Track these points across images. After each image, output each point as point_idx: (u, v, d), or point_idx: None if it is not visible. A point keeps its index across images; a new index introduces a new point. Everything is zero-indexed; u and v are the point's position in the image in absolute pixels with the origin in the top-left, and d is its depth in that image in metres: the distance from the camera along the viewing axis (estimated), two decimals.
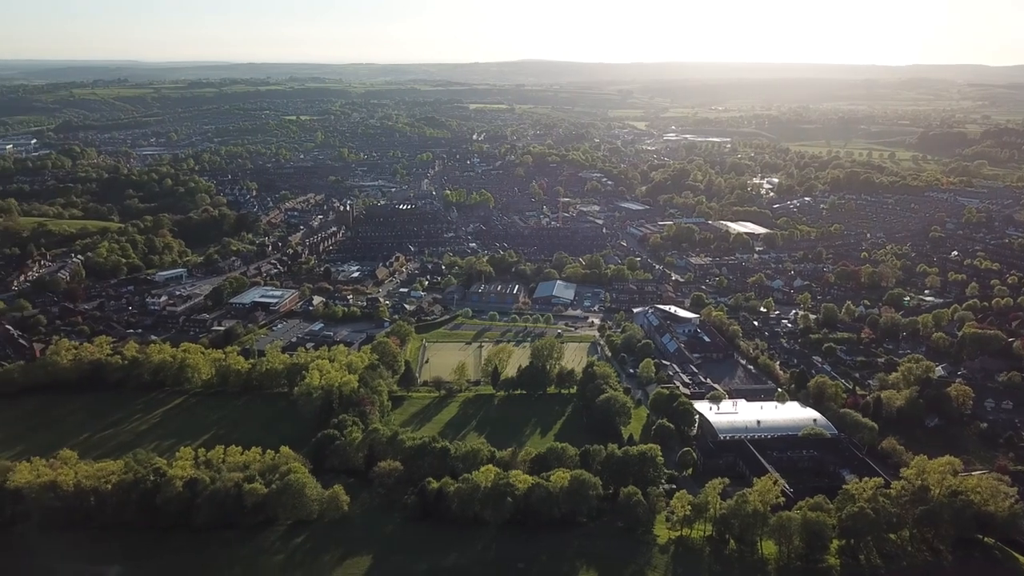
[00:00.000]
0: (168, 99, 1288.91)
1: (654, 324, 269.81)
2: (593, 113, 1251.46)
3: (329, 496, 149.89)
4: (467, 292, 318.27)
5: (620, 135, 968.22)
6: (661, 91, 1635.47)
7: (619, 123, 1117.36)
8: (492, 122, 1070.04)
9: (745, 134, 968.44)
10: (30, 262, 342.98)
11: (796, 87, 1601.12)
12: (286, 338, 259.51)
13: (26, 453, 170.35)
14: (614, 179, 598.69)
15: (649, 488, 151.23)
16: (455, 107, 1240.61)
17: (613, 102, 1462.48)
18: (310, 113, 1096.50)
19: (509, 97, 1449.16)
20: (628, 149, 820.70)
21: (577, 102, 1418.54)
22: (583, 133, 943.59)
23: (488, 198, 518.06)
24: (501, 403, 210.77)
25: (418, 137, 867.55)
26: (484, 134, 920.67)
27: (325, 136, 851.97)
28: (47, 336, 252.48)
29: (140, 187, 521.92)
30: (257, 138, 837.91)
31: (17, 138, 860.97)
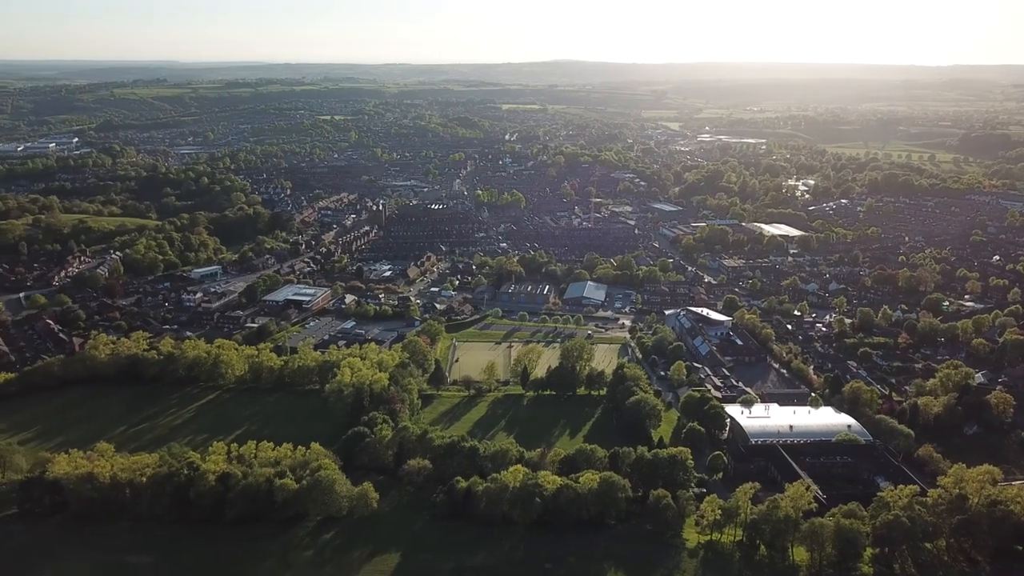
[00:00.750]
0: (205, 99, 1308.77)
1: (686, 326, 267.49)
2: (626, 114, 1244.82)
3: (359, 493, 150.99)
4: (497, 292, 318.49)
5: (653, 136, 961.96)
6: (695, 91, 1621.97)
7: (652, 124, 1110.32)
8: (524, 122, 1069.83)
9: (780, 135, 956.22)
10: (70, 258, 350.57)
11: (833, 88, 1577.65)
12: (318, 336, 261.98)
13: (65, 445, 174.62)
14: (647, 180, 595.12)
15: (679, 491, 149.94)
16: (488, 107, 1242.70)
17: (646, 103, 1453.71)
18: (344, 113, 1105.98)
19: (542, 97, 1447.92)
20: (661, 150, 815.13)
21: (610, 102, 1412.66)
22: (616, 134, 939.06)
23: (519, 198, 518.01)
24: (530, 403, 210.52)
25: (451, 137, 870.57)
26: (516, 134, 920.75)
27: (359, 136, 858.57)
28: (86, 331, 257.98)
29: (177, 185, 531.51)
30: (292, 137, 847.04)
31: (59, 137, 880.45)
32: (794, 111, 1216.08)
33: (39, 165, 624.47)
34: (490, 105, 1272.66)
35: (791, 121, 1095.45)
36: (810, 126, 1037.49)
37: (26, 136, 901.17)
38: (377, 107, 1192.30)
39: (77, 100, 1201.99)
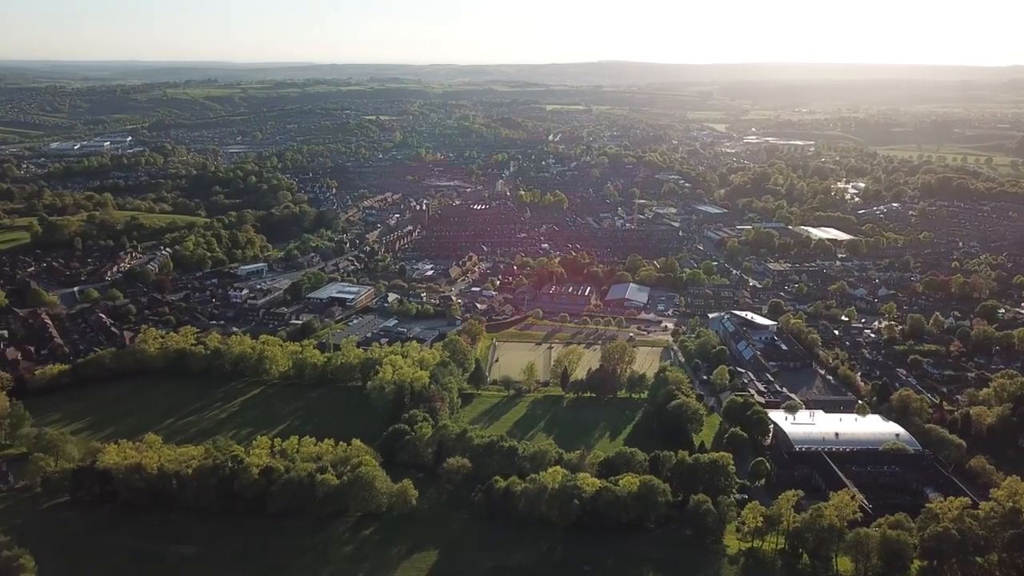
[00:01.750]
0: (254, 99, 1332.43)
1: (730, 330, 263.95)
2: (671, 115, 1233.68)
3: (398, 490, 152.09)
4: (539, 293, 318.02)
5: (699, 137, 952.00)
6: (742, 93, 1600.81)
7: (698, 125, 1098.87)
8: (568, 123, 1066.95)
9: (830, 137, 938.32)
10: (123, 254, 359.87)
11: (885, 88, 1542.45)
12: (361, 333, 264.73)
13: (115, 435, 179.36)
14: (692, 181, 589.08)
15: (720, 497, 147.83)
16: (532, 108, 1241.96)
17: (692, 104, 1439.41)
18: (389, 113, 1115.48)
19: (586, 98, 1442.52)
20: (707, 151, 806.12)
21: (655, 103, 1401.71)
22: (661, 135, 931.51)
23: (562, 199, 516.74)
24: (570, 405, 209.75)
25: (494, 137, 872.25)
26: (560, 135, 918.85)
27: (403, 136, 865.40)
28: (136, 325, 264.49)
29: (226, 184, 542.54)
30: (338, 137, 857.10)
31: (114, 136, 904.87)
32: (844, 112, 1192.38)
33: (94, 163, 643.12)
34: (534, 106, 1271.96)
35: (841, 123, 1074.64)
36: (861, 128, 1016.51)
37: (82, 135, 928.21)
38: (422, 107, 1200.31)
39: (131, 100, 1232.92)
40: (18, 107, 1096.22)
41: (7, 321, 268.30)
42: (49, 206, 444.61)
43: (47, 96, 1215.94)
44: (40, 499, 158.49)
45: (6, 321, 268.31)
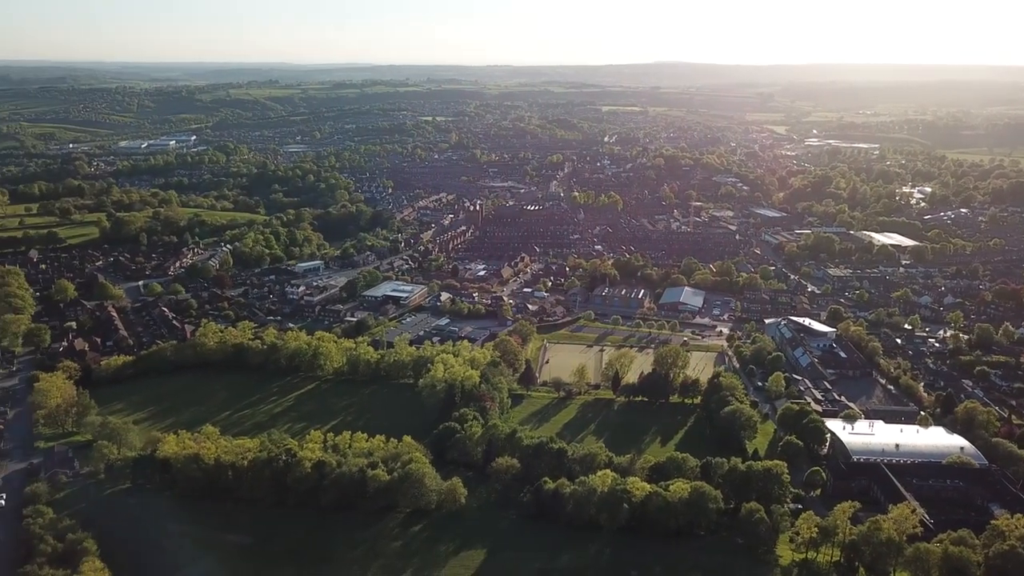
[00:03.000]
0: (314, 99, 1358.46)
1: (786, 336, 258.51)
2: (730, 116, 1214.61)
3: (448, 488, 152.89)
4: (591, 295, 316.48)
5: (758, 139, 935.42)
6: (803, 94, 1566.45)
7: (757, 127, 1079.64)
8: (624, 124, 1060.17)
9: (895, 140, 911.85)
10: (185, 250, 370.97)
11: (955, 90, 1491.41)
12: (414, 331, 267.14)
13: (175, 426, 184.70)
14: (750, 184, 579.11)
15: (773, 506, 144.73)
16: (587, 109, 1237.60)
17: (752, 105, 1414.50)
18: (446, 114, 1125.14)
19: (643, 99, 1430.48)
20: (766, 154, 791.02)
21: (713, 105, 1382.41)
22: (718, 137, 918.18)
23: (617, 200, 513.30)
24: (621, 409, 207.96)
25: (549, 139, 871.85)
26: (615, 136, 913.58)
27: (459, 137, 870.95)
28: (197, 319, 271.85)
29: (285, 182, 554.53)
30: (394, 138, 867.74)
31: (179, 135, 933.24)
32: (911, 115, 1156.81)
33: (160, 161, 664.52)
34: (590, 107, 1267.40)
35: (907, 125, 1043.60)
36: (928, 131, 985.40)
37: (149, 134, 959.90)
38: (478, 108, 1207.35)
39: (196, 100, 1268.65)
40: (90, 107, 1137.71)
41: (76, 313, 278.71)
42: (117, 203, 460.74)
43: (117, 96, 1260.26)
44: (103, 485, 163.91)
45: (75, 313, 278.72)
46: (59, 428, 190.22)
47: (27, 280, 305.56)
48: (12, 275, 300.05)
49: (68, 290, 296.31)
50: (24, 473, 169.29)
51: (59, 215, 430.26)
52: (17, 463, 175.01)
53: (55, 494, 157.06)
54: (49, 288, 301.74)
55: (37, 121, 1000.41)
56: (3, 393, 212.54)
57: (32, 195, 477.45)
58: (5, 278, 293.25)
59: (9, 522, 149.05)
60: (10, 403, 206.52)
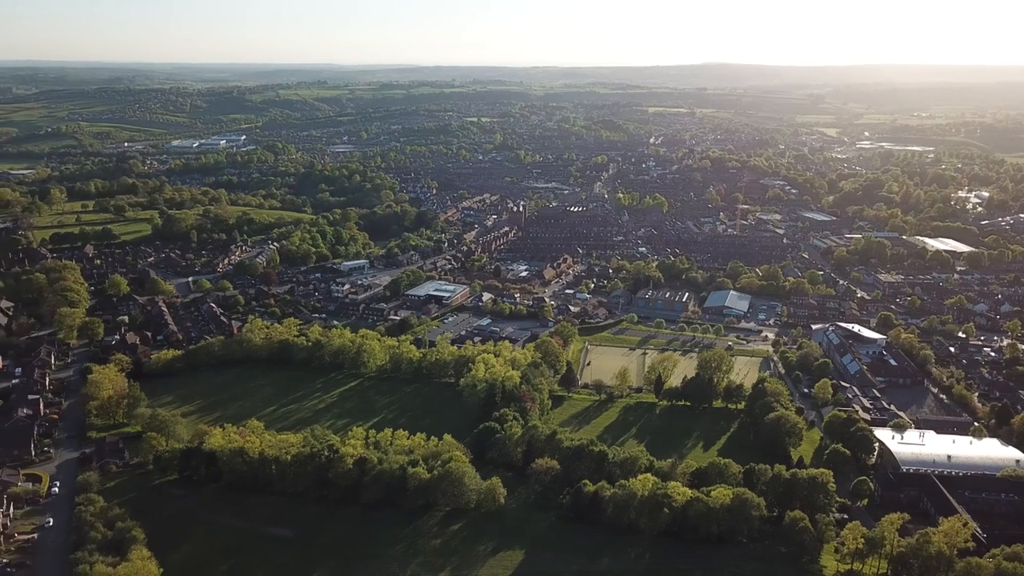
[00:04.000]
0: (361, 100, 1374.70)
1: (834, 343, 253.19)
2: (779, 118, 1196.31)
3: (487, 487, 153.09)
4: (634, 297, 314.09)
5: (807, 142, 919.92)
6: (856, 96, 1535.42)
7: (807, 129, 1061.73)
8: (670, 126, 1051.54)
9: (952, 143, 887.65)
10: (234, 247, 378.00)
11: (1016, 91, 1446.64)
12: (455, 331, 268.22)
13: (221, 420, 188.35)
14: (798, 187, 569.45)
15: (818, 515, 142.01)
16: (633, 110, 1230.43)
17: (801, 107, 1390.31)
18: (491, 115, 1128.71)
19: (689, 101, 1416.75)
20: (815, 157, 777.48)
21: (762, 107, 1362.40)
22: (767, 139, 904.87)
23: (662, 202, 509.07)
24: (663, 412, 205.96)
25: (594, 140, 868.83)
26: (661, 138, 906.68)
27: (503, 138, 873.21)
28: (244, 315, 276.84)
29: (332, 182, 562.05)
30: (439, 138, 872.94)
31: (230, 135, 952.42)
32: (968, 117, 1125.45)
33: (211, 160, 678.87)
34: (636, 108, 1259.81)
35: (964, 128, 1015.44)
36: (987, 134, 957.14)
37: (201, 133, 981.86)
38: (522, 109, 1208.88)
39: (247, 100, 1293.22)
40: (144, 107, 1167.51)
41: (128, 307, 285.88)
42: (169, 200, 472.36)
43: (170, 97, 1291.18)
44: (152, 476, 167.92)
45: (127, 307, 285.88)
46: (110, 419, 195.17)
47: (82, 275, 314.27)
48: (68, 270, 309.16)
49: (121, 285, 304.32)
50: (77, 462, 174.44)
51: (114, 212, 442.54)
52: (70, 452, 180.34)
53: (106, 483, 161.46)
54: (103, 283, 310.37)
55: (94, 121, 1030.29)
56: (58, 384, 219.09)
57: (88, 192, 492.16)
58: (62, 272, 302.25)
59: (62, 509, 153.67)
60: (65, 394, 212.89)
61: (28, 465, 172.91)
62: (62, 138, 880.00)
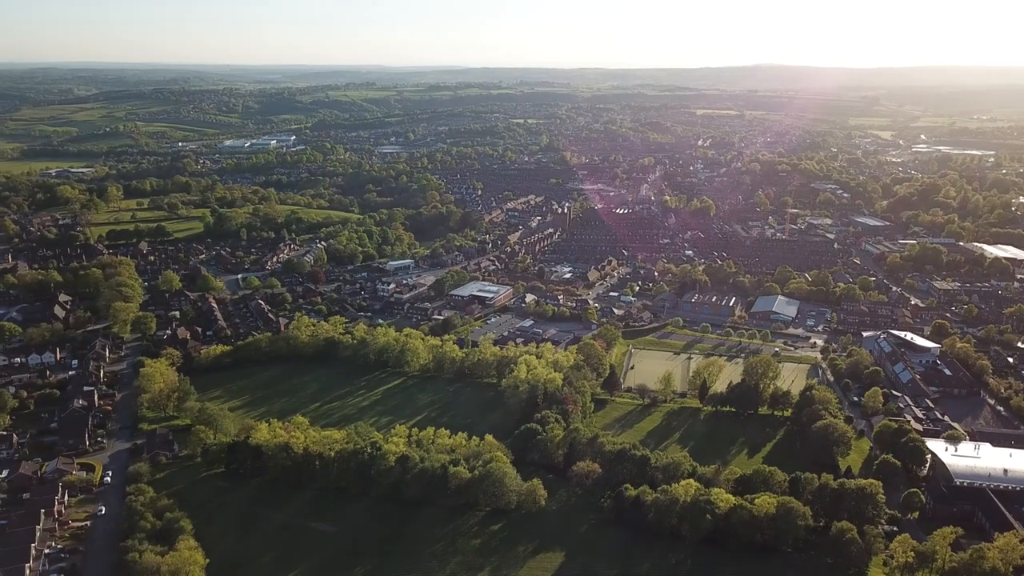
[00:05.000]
0: (409, 101, 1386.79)
1: (886, 351, 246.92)
2: (831, 121, 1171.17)
3: (528, 489, 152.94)
4: (679, 301, 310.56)
5: (861, 145, 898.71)
6: (912, 98, 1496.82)
7: (860, 132, 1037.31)
8: (719, 128, 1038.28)
9: (1014, 147, 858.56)
10: (282, 245, 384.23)
11: None
12: (498, 332, 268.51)
13: (267, 415, 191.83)
14: (850, 191, 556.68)
15: (866, 527, 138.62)
16: (681, 112, 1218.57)
17: (855, 109, 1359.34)
18: (537, 116, 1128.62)
19: (739, 103, 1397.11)
20: (869, 160, 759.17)
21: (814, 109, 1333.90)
22: (818, 142, 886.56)
23: (709, 205, 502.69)
24: (707, 418, 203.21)
25: (641, 141, 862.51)
26: (710, 140, 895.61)
27: (549, 139, 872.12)
28: (291, 312, 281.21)
29: (379, 182, 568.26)
30: (485, 140, 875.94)
31: (280, 135, 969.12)
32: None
33: (261, 160, 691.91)
34: (684, 110, 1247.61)
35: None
36: None
37: (252, 134, 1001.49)
38: (569, 111, 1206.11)
39: (297, 101, 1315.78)
40: (199, 108, 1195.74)
41: (179, 303, 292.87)
42: (220, 199, 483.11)
43: (224, 97, 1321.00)
44: (199, 468, 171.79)
45: (178, 303, 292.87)
46: (161, 412, 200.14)
47: (137, 271, 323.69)
48: (124, 265, 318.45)
49: (173, 281, 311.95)
50: (128, 452, 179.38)
51: (167, 210, 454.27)
52: (123, 443, 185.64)
53: (155, 474, 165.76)
54: (156, 279, 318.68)
55: (151, 121, 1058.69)
56: (112, 376, 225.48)
57: (144, 190, 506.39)
58: (117, 268, 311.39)
59: (114, 498, 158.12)
60: (118, 386, 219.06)
61: (83, 454, 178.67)
62: (120, 138, 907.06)
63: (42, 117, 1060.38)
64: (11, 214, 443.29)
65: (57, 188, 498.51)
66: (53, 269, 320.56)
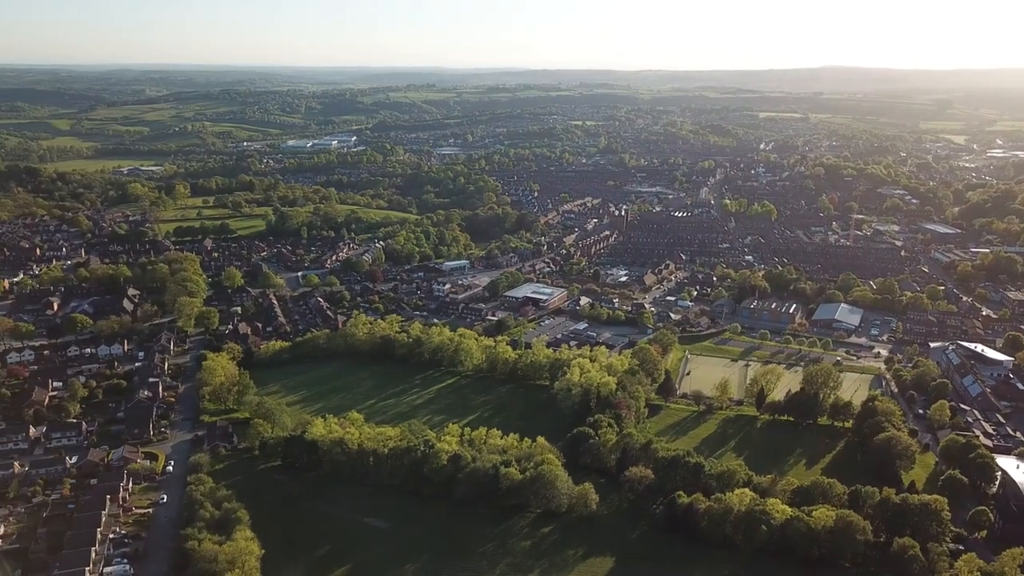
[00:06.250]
0: (468, 103, 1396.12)
1: (954, 363, 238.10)
2: (901, 125, 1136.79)
3: (579, 492, 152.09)
4: (738, 307, 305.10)
5: (932, 149, 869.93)
6: (988, 101, 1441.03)
7: (932, 136, 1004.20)
8: (782, 131, 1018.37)
9: None
10: (341, 244, 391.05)
11: None
12: (552, 334, 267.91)
13: (323, 410, 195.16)
14: (920, 197, 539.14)
15: (930, 544, 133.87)
16: (743, 115, 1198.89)
17: (926, 113, 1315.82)
18: (596, 118, 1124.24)
19: (804, 106, 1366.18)
20: (940, 165, 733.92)
21: (883, 112, 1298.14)
22: (887, 146, 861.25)
23: (771, 210, 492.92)
24: (764, 427, 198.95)
25: (701, 144, 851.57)
26: (772, 143, 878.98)
27: (608, 141, 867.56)
28: (349, 310, 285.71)
29: (437, 183, 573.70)
30: (543, 141, 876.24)
31: (341, 135, 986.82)
32: None
33: (322, 160, 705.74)
34: (746, 113, 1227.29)
35: None
36: None
37: (314, 134, 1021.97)
38: (628, 113, 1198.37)
39: (358, 102, 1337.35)
40: (263, 109, 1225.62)
41: (241, 299, 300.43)
42: (282, 198, 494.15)
43: (287, 99, 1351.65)
44: (257, 460, 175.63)
45: (240, 299, 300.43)
46: (221, 404, 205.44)
47: (201, 266, 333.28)
48: (189, 261, 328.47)
49: (236, 278, 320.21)
50: (190, 443, 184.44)
51: (231, 208, 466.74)
52: (184, 433, 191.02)
53: (215, 465, 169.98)
54: (220, 275, 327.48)
55: (217, 121, 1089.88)
56: (176, 369, 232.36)
57: (209, 189, 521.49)
58: (183, 264, 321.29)
59: (175, 487, 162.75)
60: (181, 378, 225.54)
61: (147, 444, 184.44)
62: (188, 137, 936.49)
63: (116, 117, 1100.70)
64: (85, 210, 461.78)
65: (128, 186, 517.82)
66: (123, 264, 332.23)
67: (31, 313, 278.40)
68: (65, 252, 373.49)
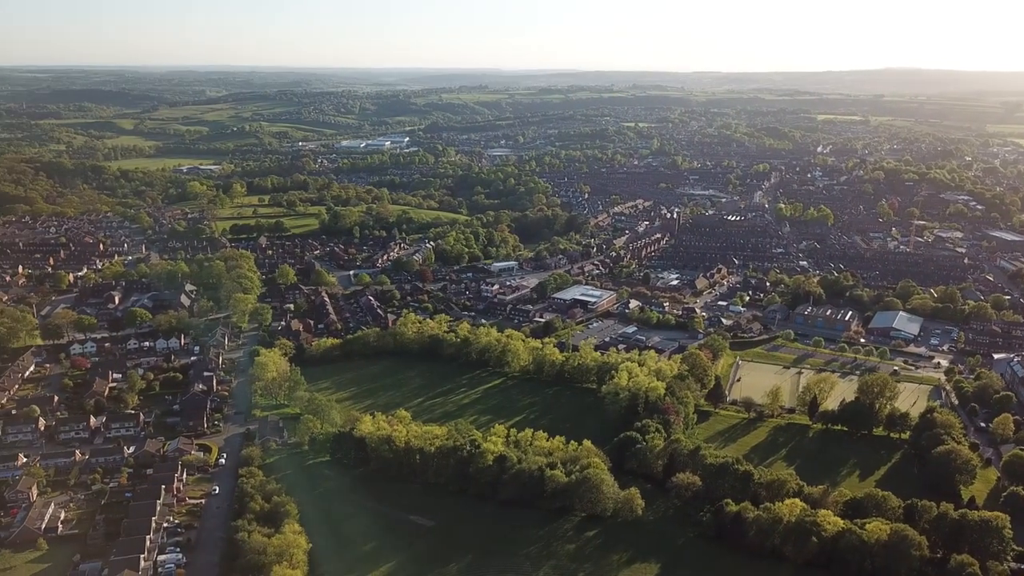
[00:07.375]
0: (520, 104, 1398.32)
1: (1019, 375, 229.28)
2: (966, 128, 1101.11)
3: (625, 497, 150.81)
4: (791, 313, 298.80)
5: (1000, 153, 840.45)
6: None
7: (1000, 140, 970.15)
8: (841, 134, 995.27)
9: None
10: (392, 244, 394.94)
11: None
12: (600, 337, 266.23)
13: (372, 408, 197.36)
14: (985, 203, 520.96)
15: (990, 562, 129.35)
16: (800, 117, 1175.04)
17: (994, 116, 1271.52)
18: (648, 120, 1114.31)
19: (864, 108, 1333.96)
20: (1008, 170, 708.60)
21: (947, 115, 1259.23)
22: (951, 150, 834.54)
23: (827, 215, 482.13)
24: (816, 436, 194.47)
25: (756, 147, 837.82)
26: (830, 147, 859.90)
27: (660, 143, 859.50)
28: (399, 309, 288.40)
29: (487, 184, 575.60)
30: (595, 143, 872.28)
31: (394, 136, 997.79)
32: None
33: (375, 160, 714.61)
34: (803, 115, 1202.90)
35: None
36: None
37: (368, 135, 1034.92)
38: (682, 115, 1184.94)
39: (411, 103, 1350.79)
40: (319, 109, 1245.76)
41: (294, 296, 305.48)
42: (335, 197, 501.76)
43: (342, 100, 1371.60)
44: (306, 455, 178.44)
45: (293, 296, 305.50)
46: (273, 399, 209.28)
47: (255, 264, 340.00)
48: (244, 259, 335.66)
49: (289, 275, 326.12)
50: (242, 436, 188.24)
51: (286, 207, 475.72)
52: (237, 427, 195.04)
53: (266, 459, 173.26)
54: (273, 272, 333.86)
55: (274, 121, 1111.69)
56: (230, 363, 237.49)
57: (265, 188, 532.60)
58: (238, 261, 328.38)
59: (227, 479, 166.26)
60: (235, 373, 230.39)
61: (201, 436, 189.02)
62: (245, 137, 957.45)
63: (176, 117, 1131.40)
64: (146, 207, 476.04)
65: (187, 184, 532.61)
66: (181, 260, 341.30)
67: (94, 306, 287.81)
68: (127, 248, 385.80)
